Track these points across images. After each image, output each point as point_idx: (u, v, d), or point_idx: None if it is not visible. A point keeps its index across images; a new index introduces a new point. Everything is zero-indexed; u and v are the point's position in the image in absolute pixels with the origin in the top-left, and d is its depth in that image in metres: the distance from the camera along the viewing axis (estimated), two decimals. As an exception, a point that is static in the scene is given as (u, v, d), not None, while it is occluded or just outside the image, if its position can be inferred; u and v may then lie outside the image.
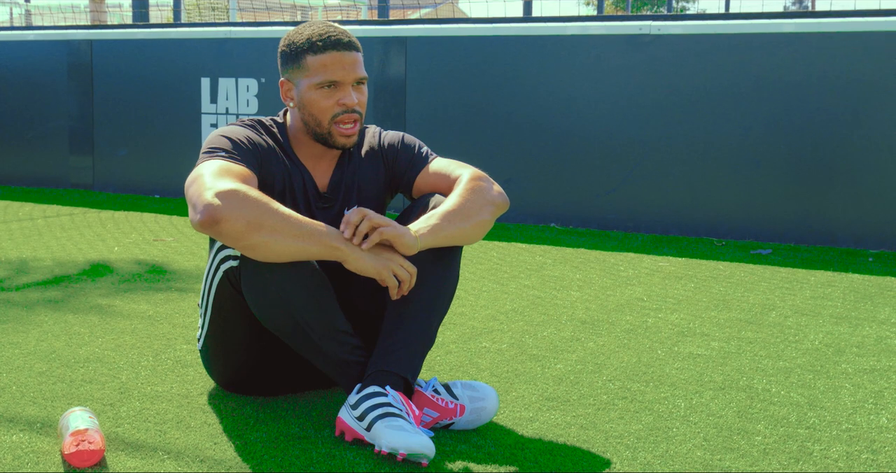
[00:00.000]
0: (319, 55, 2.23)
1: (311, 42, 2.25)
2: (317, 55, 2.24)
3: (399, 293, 2.14)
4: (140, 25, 7.23)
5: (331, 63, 2.23)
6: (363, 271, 2.09)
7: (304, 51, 2.25)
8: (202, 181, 2.06)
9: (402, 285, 2.13)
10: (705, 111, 5.33)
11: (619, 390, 2.55)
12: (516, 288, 3.86)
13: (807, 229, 5.12)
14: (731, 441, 2.19)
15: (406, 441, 1.96)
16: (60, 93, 7.11)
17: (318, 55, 2.24)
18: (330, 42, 2.24)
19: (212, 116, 6.56)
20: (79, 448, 1.95)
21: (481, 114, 5.84)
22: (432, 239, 2.16)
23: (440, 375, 2.65)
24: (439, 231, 2.17)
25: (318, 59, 2.24)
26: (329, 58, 2.23)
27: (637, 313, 3.45)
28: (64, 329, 3.07)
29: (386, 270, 2.10)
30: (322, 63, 2.24)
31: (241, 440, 2.13)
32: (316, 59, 2.24)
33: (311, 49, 2.24)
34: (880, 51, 4.95)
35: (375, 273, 2.10)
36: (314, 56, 2.24)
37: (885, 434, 2.26)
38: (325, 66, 2.23)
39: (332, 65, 2.23)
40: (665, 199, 5.43)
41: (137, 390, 2.47)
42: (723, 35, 5.27)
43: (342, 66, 2.24)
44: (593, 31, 5.59)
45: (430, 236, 2.15)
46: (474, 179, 2.29)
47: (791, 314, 3.48)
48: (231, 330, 2.31)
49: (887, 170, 4.99)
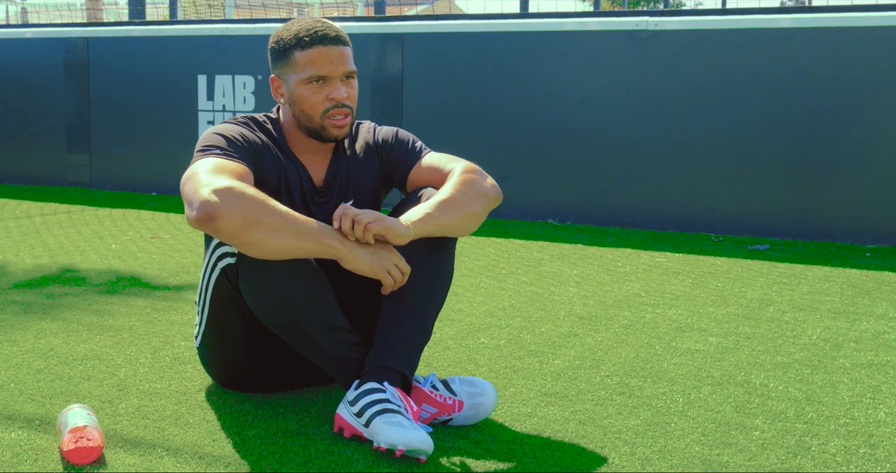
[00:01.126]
0: (307, 50, 2.24)
1: (298, 37, 2.26)
2: (304, 50, 2.25)
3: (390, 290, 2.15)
4: (136, 23, 7.22)
5: (318, 58, 2.24)
6: (359, 269, 2.10)
7: (291, 46, 2.26)
8: (198, 178, 2.06)
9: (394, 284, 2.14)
10: (702, 106, 5.33)
11: (617, 385, 2.55)
12: (514, 285, 3.86)
13: (804, 224, 5.13)
14: (729, 436, 2.19)
15: (404, 436, 1.96)
16: (57, 90, 7.10)
17: (306, 50, 2.25)
18: (317, 37, 2.25)
19: (209, 113, 6.55)
20: (77, 444, 1.95)
21: (478, 111, 5.84)
22: (424, 228, 2.16)
23: (438, 371, 2.65)
24: (430, 220, 2.17)
25: (306, 55, 2.25)
26: (316, 52, 2.24)
27: (635, 309, 3.45)
28: (61, 326, 3.07)
29: (381, 269, 2.11)
30: (309, 58, 2.24)
31: (239, 436, 2.13)
32: (303, 55, 2.25)
33: (298, 44, 2.25)
34: (877, 46, 4.96)
35: (371, 271, 2.10)
36: (301, 51, 2.25)
37: (882, 428, 2.26)
38: (313, 60, 2.24)
39: (319, 59, 2.24)
40: (662, 195, 5.43)
41: (136, 387, 2.47)
42: (719, 30, 5.28)
43: (329, 60, 2.25)
44: (590, 26, 5.59)
45: (421, 224, 2.15)
46: (467, 172, 2.30)
47: (789, 309, 3.48)
48: (229, 327, 2.31)
49: (884, 165, 4.99)
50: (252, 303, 2.15)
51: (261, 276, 2.09)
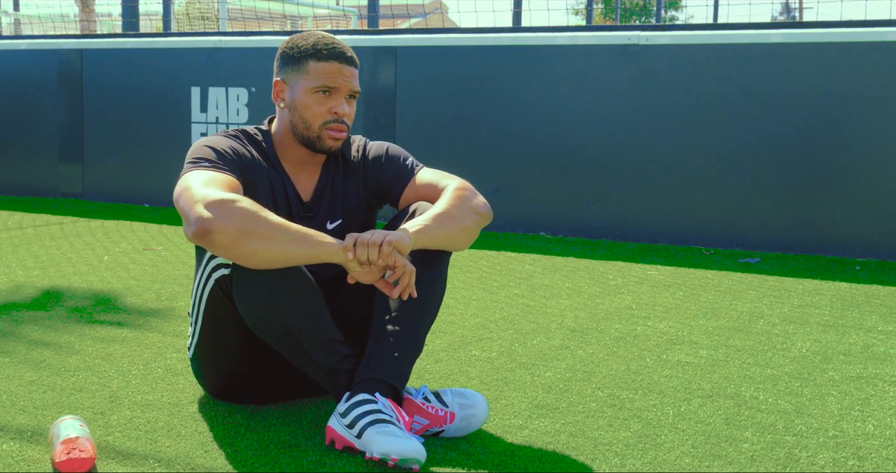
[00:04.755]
0: (322, 63, 2.31)
1: (316, 48, 2.32)
2: (320, 62, 2.31)
3: (398, 291, 2.14)
4: (130, 35, 7.23)
5: (332, 72, 2.31)
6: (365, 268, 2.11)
7: (308, 55, 2.32)
8: (191, 193, 2.08)
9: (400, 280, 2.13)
10: (693, 120, 5.36)
11: (607, 398, 2.56)
12: (506, 297, 3.88)
13: (795, 238, 5.15)
14: (719, 448, 2.21)
15: (398, 446, 1.97)
16: (50, 102, 7.11)
17: (322, 62, 2.31)
18: (334, 53, 2.32)
19: (202, 125, 6.57)
20: (70, 456, 1.95)
21: (471, 124, 5.86)
22: (422, 239, 2.19)
23: (430, 383, 2.66)
24: (428, 232, 2.20)
25: (321, 66, 2.31)
26: (331, 67, 2.31)
27: (626, 321, 3.47)
28: (53, 338, 3.07)
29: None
30: (324, 70, 2.31)
31: (231, 448, 2.14)
32: (318, 66, 2.31)
33: (315, 55, 2.31)
34: (867, 61, 4.99)
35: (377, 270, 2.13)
36: (317, 62, 2.31)
37: (871, 440, 2.27)
38: (327, 73, 2.31)
39: (332, 73, 2.31)
40: (654, 208, 5.45)
41: (128, 398, 2.47)
42: (711, 45, 5.31)
43: (342, 76, 2.32)
44: (582, 41, 5.62)
45: (418, 236, 2.18)
46: (460, 189, 2.34)
47: (779, 322, 3.50)
48: (222, 338, 2.31)
49: (874, 179, 5.02)
50: (246, 314, 2.16)
51: (255, 287, 2.10)
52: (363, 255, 2.08)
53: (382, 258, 2.09)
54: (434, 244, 2.23)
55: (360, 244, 2.09)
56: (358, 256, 2.08)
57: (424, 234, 2.19)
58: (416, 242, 2.17)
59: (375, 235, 2.11)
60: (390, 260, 2.09)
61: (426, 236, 2.20)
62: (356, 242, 2.10)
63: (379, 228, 2.25)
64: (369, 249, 2.08)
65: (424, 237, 2.19)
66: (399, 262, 2.11)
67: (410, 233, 2.17)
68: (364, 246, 2.09)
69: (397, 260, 2.10)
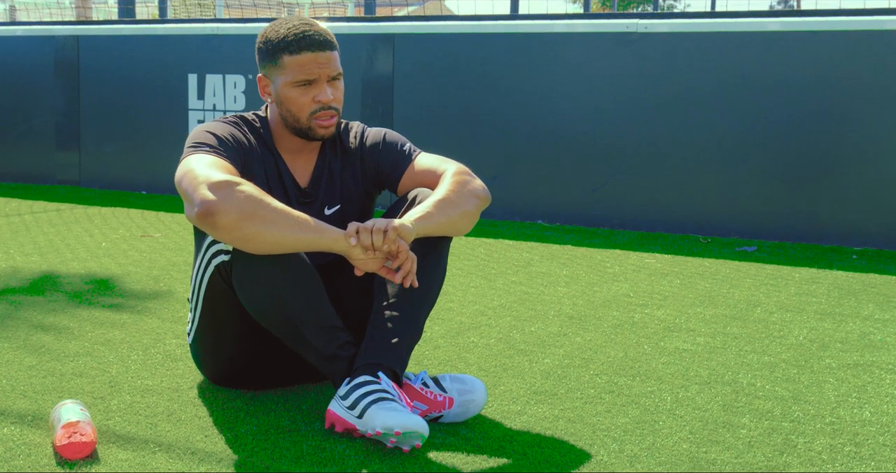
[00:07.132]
0: (295, 56, 2.28)
1: (287, 41, 2.29)
2: (293, 55, 2.28)
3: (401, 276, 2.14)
4: (127, 21, 7.21)
5: (306, 63, 2.28)
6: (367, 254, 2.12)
7: (280, 50, 2.30)
8: (194, 175, 2.08)
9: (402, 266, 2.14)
10: (691, 109, 5.36)
11: (606, 384, 2.57)
12: (504, 284, 3.88)
13: (792, 227, 5.16)
14: (716, 434, 2.22)
15: (401, 420, 1.97)
16: (47, 89, 7.09)
17: (294, 56, 2.28)
18: (305, 43, 2.28)
19: (199, 113, 6.55)
20: (71, 440, 1.96)
21: (468, 112, 5.86)
22: (425, 227, 2.19)
23: (429, 369, 2.67)
24: (431, 218, 2.21)
25: (295, 60, 2.28)
26: (304, 58, 2.28)
27: (624, 309, 3.48)
28: (52, 323, 3.08)
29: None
30: (298, 63, 2.28)
31: (231, 433, 2.14)
32: (292, 59, 2.28)
33: (287, 49, 2.29)
34: (865, 49, 4.99)
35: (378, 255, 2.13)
36: (290, 56, 2.28)
37: (867, 427, 2.29)
38: (302, 65, 2.28)
39: (307, 64, 2.28)
40: (651, 197, 5.46)
41: (128, 384, 2.48)
42: (709, 33, 5.31)
43: (318, 65, 2.29)
44: (580, 28, 5.62)
45: (421, 223, 2.19)
46: (459, 173, 2.35)
47: (776, 310, 3.51)
48: (221, 324, 2.32)
49: (872, 168, 5.03)
50: (245, 301, 2.17)
51: (255, 274, 2.11)
52: (367, 240, 2.09)
53: (387, 243, 2.09)
54: (437, 230, 2.24)
55: (363, 230, 2.10)
56: (362, 241, 2.09)
57: (427, 221, 2.20)
58: (419, 229, 2.18)
59: (379, 222, 2.11)
60: (394, 246, 2.10)
61: (429, 223, 2.20)
62: (359, 229, 2.10)
63: (377, 216, 2.25)
64: (373, 234, 2.09)
65: (428, 224, 2.20)
66: (402, 248, 2.11)
67: (413, 220, 2.17)
68: (368, 232, 2.09)
69: (401, 246, 2.11)
